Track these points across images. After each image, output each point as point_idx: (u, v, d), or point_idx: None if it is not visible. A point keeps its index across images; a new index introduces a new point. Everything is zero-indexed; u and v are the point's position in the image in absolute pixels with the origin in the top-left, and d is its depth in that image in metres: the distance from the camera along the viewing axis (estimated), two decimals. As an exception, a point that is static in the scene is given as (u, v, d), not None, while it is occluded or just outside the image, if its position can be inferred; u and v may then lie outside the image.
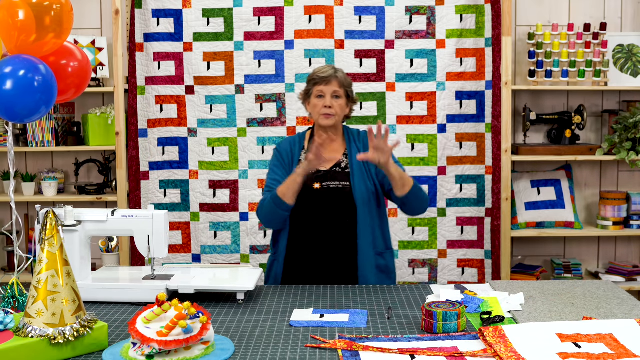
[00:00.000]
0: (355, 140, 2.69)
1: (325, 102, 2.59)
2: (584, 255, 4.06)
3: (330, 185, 2.59)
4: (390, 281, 2.67)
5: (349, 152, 2.65)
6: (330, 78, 2.59)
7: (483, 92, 3.73)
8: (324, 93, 2.60)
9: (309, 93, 2.65)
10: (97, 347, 1.76)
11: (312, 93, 2.62)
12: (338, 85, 2.60)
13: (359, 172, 2.61)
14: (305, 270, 2.60)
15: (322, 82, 2.59)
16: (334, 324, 1.98)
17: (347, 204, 2.58)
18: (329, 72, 2.60)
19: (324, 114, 2.59)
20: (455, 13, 3.71)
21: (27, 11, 2.06)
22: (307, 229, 2.60)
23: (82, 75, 2.32)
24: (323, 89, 2.59)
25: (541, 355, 1.65)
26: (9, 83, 2.03)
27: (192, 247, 3.81)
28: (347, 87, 2.63)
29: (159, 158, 3.79)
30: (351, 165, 2.62)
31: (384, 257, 2.64)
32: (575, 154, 3.77)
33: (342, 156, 2.66)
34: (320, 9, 3.70)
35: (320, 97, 2.60)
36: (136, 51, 3.74)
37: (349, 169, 2.62)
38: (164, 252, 2.28)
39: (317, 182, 2.59)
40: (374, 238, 2.61)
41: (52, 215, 1.76)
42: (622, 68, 3.86)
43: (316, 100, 2.61)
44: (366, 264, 2.58)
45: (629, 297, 2.23)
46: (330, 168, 2.62)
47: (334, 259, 2.59)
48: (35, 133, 3.76)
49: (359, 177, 2.60)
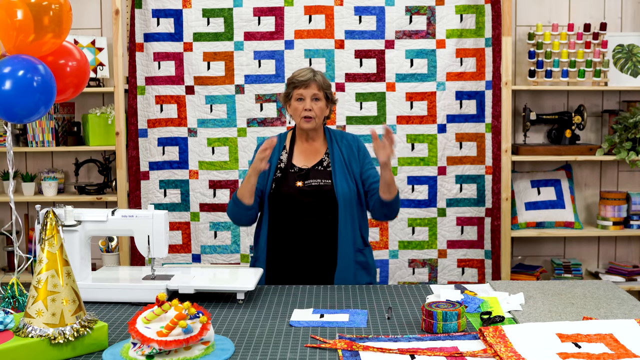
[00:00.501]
0: (337, 141, 2.73)
1: (305, 105, 2.63)
2: (584, 255, 4.06)
3: (312, 183, 2.63)
4: (370, 277, 2.72)
5: (330, 151, 2.69)
6: (309, 82, 2.62)
7: (483, 92, 3.73)
8: (303, 96, 2.63)
9: (289, 96, 2.69)
10: (97, 347, 1.76)
11: (292, 96, 2.66)
12: (317, 88, 2.63)
13: (341, 171, 2.65)
14: (286, 267, 2.65)
15: (301, 85, 2.63)
16: (334, 324, 1.98)
17: (329, 202, 2.62)
18: (308, 76, 2.63)
19: (304, 117, 2.63)
20: (455, 13, 3.71)
21: (25, 11, 2.06)
22: (288, 226, 2.64)
23: (81, 74, 2.32)
24: (302, 92, 2.63)
25: (541, 355, 1.65)
26: (8, 83, 2.03)
27: (192, 247, 3.81)
28: (325, 89, 2.67)
29: (159, 158, 3.79)
30: (333, 163, 2.66)
31: (364, 254, 2.69)
32: (575, 154, 3.77)
33: (324, 155, 2.70)
34: (320, 9, 3.70)
35: (300, 100, 2.64)
36: (136, 51, 3.74)
37: (330, 167, 2.66)
38: (164, 252, 2.28)
39: (299, 180, 2.64)
40: (354, 235, 2.65)
41: (52, 215, 1.76)
42: (622, 68, 3.86)
43: (296, 104, 2.65)
44: (345, 260, 2.62)
45: (629, 297, 2.22)
46: (312, 166, 2.67)
47: (314, 255, 2.63)
48: (35, 133, 3.76)
49: (340, 176, 2.64)
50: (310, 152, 2.71)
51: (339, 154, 2.69)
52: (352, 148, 2.71)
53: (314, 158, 2.70)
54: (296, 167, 2.67)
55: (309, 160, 2.70)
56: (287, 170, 2.66)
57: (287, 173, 2.65)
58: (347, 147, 2.71)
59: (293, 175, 2.64)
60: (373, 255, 2.79)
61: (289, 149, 2.72)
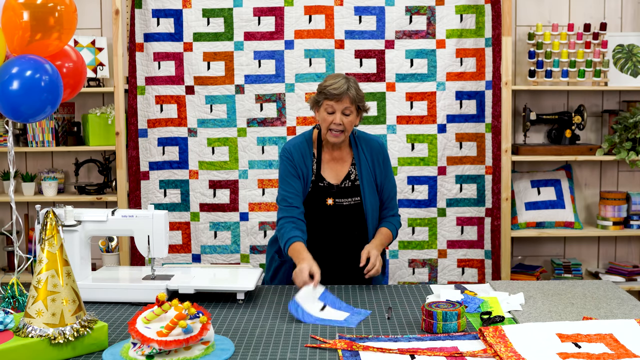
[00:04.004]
0: (362, 149, 2.64)
1: (335, 119, 2.50)
2: (584, 255, 4.06)
3: (343, 203, 2.59)
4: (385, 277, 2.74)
5: (357, 162, 2.62)
6: (341, 95, 2.47)
7: (483, 92, 3.73)
8: (334, 110, 2.50)
9: (318, 103, 2.56)
10: (97, 347, 1.76)
11: (322, 105, 2.53)
12: (349, 102, 2.49)
13: (368, 185, 2.61)
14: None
15: (333, 98, 2.48)
16: (326, 322, 2.00)
17: (358, 218, 2.61)
18: (342, 89, 2.47)
19: (333, 131, 2.53)
20: (455, 13, 3.71)
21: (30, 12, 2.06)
22: (319, 241, 2.59)
23: (77, 75, 2.32)
24: (334, 105, 2.49)
25: (541, 355, 1.65)
26: (16, 83, 2.04)
27: (192, 247, 3.81)
28: (358, 103, 2.53)
29: (159, 158, 3.79)
30: (361, 177, 2.61)
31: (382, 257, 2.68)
32: (575, 154, 3.77)
33: (351, 166, 2.63)
34: (320, 9, 3.70)
35: (331, 113, 2.51)
36: (136, 51, 3.74)
37: (358, 181, 2.62)
38: (164, 252, 2.29)
39: (329, 197, 2.59)
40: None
41: (52, 215, 1.76)
42: (622, 68, 3.86)
43: (325, 115, 2.52)
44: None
45: (629, 297, 2.23)
46: (340, 183, 2.61)
47: (344, 269, 2.59)
48: (35, 133, 3.76)
49: (368, 190, 2.61)
50: (338, 162, 2.63)
51: (366, 165, 2.61)
52: (378, 158, 2.64)
53: (342, 170, 2.62)
54: (325, 182, 2.60)
55: (337, 172, 2.61)
56: (317, 184, 2.59)
57: (317, 187, 2.59)
58: (373, 156, 2.64)
59: (323, 191, 2.59)
60: (387, 259, 2.79)
61: (317, 157, 2.63)
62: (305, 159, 2.60)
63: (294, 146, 2.63)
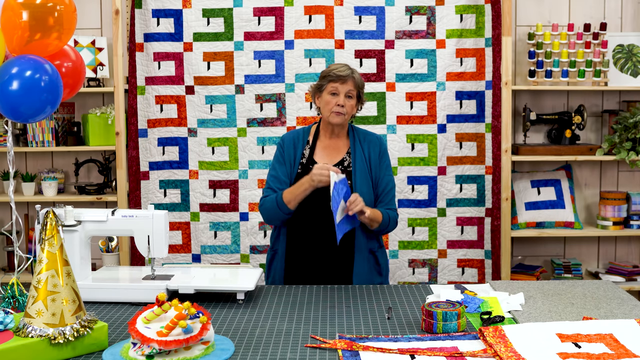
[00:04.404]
0: (360, 140, 2.70)
1: (338, 101, 2.60)
2: (584, 255, 4.06)
3: None
4: (382, 278, 2.71)
5: (352, 150, 2.67)
6: (347, 77, 2.60)
7: (483, 92, 3.73)
8: (338, 91, 2.60)
9: (321, 88, 2.65)
10: (97, 347, 1.76)
11: (325, 89, 2.63)
12: (353, 85, 2.61)
13: (361, 172, 2.63)
14: (305, 267, 2.63)
15: (338, 80, 2.60)
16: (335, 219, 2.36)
17: None
18: (346, 72, 2.61)
19: (335, 111, 2.61)
20: (455, 13, 3.71)
21: (30, 12, 2.06)
22: (307, 226, 2.62)
23: (76, 75, 2.32)
24: (338, 87, 2.60)
25: (541, 355, 1.65)
26: (15, 83, 2.03)
27: (192, 247, 3.81)
28: (360, 89, 2.66)
29: (159, 158, 3.79)
30: (354, 164, 2.64)
31: (377, 255, 2.68)
32: (575, 154, 3.77)
33: (346, 154, 2.68)
34: (320, 9, 3.70)
35: (334, 94, 2.61)
36: (136, 51, 3.74)
37: (351, 168, 2.64)
38: (164, 252, 2.28)
39: None
40: (370, 237, 2.64)
41: (52, 215, 1.76)
42: (622, 68, 3.86)
43: (329, 97, 2.62)
44: (361, 262, 2.61)
45: (629, 297, 2.23)
46: (333, 165, 2.63)
47: (331, 256, 2.61)
48: (35, 133, 3.76)
49: (360, 177, 2.62)
50: (333, 149, 2.69)
51: (361, 154, 2.66)
52: (374, 150, 2.68)
53: (336, 156, 2.68)
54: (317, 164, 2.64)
55: (331, 157, 2.67)
56: (308, 167, 2.63)
57: (307, 170, 2.61)
58: (370, 148, 2.69)
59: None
60: (386, 255, 2.78)
61: (311, 144, 2.70)
62: (296, 144, 2.70)
63: (288, 134, 2.76)
